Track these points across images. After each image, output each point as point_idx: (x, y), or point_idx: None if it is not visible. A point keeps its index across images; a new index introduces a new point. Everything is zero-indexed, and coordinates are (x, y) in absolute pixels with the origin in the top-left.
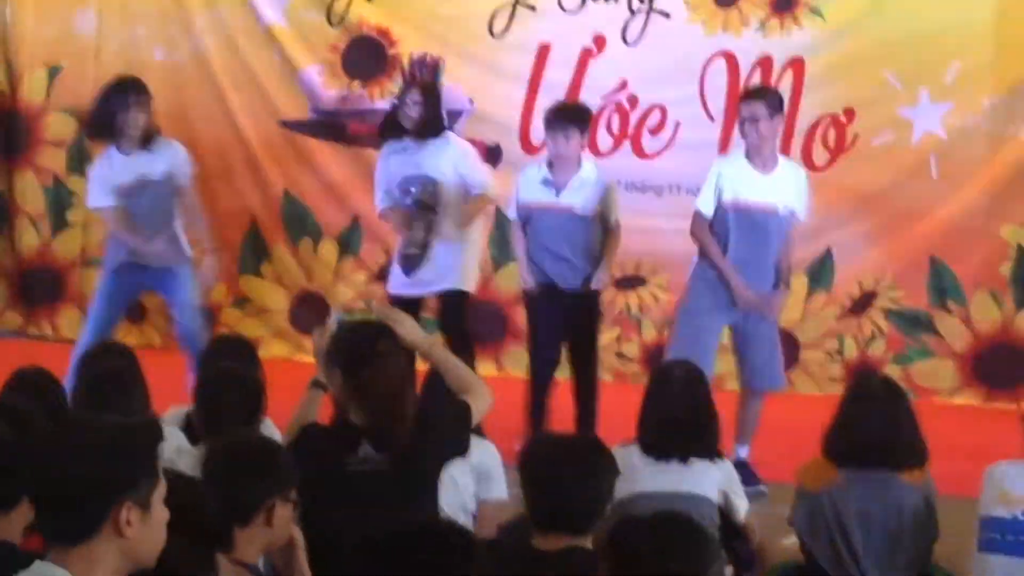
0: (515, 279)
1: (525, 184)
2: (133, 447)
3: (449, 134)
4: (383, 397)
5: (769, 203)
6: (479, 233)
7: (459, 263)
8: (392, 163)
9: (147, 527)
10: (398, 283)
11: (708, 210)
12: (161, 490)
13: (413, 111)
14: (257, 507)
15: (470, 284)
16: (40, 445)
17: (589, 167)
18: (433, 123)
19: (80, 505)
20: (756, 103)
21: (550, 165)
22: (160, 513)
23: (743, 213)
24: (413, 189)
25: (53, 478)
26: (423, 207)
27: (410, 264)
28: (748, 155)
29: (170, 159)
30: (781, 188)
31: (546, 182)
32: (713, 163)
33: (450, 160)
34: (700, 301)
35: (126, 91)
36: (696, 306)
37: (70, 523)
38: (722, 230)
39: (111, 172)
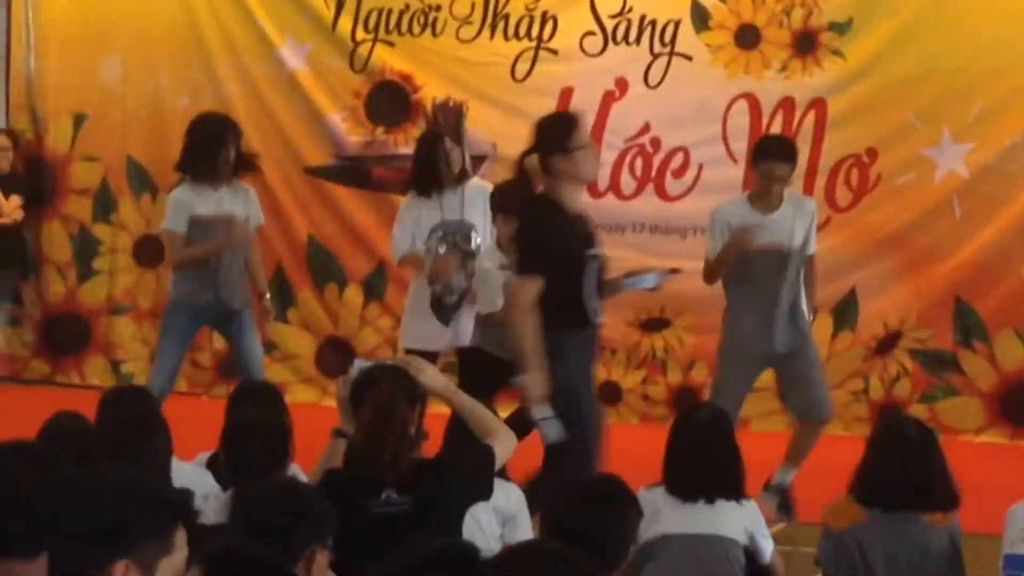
0: None
1: None
2: (141, 506)
3: (474, 178)
4: (368, 428)
5: (772, 243)
6: None
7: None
8: (424, 210)
9: None
10: (426, 336)
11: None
12: (175, 560)
13: (455, 161)
14: (298, 555)
15: None
16: (59, 490)
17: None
18: (465, 169)
19: (78, 552)
20: (779, 164)
21: None
22: None
23: (749, 256)
24: (449, 235)
25: (60, 522)
26: (465, 254)
27: (448, 313)
28: (751, 199)
29: (247, 202)
30: (783, 227)
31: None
32: (712, 212)
33: (485, 206)
34: (734, 351)
35: (223, 128)
36: (730, 355)
37: (66, 569)
38: (731, 274)
39: (193, 199)
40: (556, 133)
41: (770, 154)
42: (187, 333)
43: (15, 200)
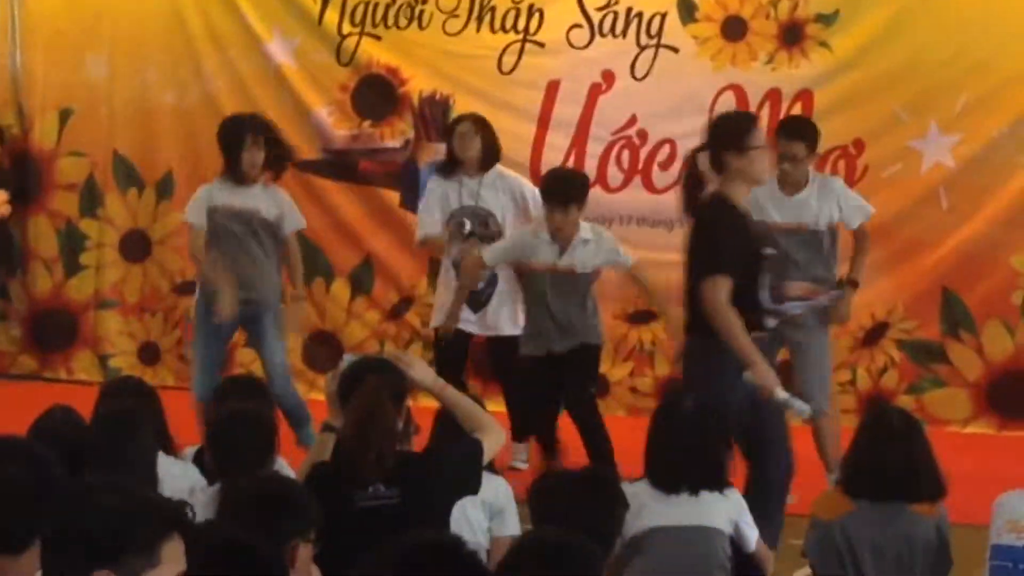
0: None
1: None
2: (129, 517)
3: (500, 166)
4: (353, 424)
5: (793, 224)
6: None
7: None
8: (446, 194)
9: None
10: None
11: None
12: (162, 573)
13: (468, 145)
14: (280, 549)
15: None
16: (46, 485)
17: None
18: (490, 155)
19: (61, 558)
20: (796, 143)
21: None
22: None
23: (775, 236)
24: (469, 222)
25: (46, 519)
26: (484, 239)
27: (480, 301)
28: (779, 179)
29: (278, 203)
30: (807, 208)
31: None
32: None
33: (509, 191)
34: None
35: (243, 129)
36: None
37: (46, 571)
38: None
39: (216, 192)
40: (734, 131)
41: (780, 132)
42: (220, 331)
43: (2, 195)
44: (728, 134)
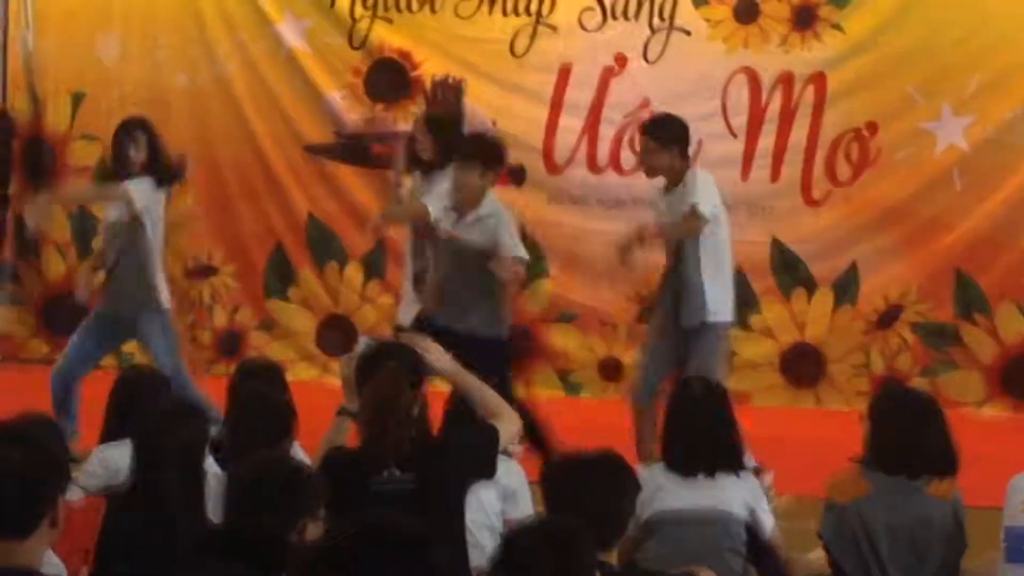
0: (542, 298)
1: None
2: None
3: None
4: (371, 410)
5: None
6: None
7: None
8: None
9: None
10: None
11: None
12: None
13: (424, 145)
14: (288, 528)
15: None
16: (50, 468)
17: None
18: (444, 153)
19: None
20: (643, 137)
21: None
22: None
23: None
24: None
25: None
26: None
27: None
28: None
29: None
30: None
31: None
32: None
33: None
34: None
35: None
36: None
37: None
38: None
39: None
40: None
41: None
42: (99, 338)
43: None
44: None
